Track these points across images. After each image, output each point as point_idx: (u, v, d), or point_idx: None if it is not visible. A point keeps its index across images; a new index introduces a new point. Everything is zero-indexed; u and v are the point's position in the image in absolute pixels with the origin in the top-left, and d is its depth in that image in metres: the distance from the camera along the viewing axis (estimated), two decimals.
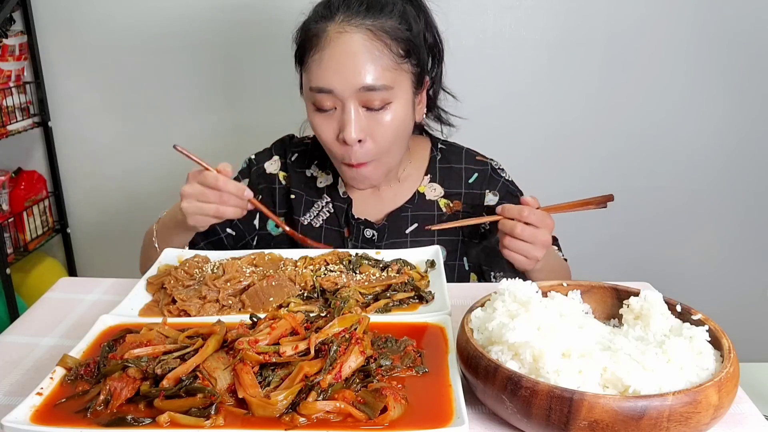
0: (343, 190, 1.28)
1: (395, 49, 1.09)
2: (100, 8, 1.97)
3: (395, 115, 1.11)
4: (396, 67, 1.09)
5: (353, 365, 0.71)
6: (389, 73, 1.08)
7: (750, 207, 2.12)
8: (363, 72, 1.06)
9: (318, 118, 1.13)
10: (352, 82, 1.06)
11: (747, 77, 1.99)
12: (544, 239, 1.08)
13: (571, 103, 2.01)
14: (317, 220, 1.28)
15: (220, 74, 2.02)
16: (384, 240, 1.25)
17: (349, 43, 1.07)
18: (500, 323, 0.73)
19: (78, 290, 1.05)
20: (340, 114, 1.10)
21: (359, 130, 1.08)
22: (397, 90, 1.10)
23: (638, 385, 0.64)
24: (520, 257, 1.08)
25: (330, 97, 1.09)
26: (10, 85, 1.95)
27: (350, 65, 1.06)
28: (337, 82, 1.07)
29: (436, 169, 1.29)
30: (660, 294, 0.80)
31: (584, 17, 1.93)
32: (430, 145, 1.32)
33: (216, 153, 2.10)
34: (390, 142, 1.13)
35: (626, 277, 1.06)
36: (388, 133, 1.11)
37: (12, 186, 2.05)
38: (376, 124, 1.10)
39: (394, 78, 1.09)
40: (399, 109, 1.11)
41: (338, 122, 1.10)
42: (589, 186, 2.09)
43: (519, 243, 1.07)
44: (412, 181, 1.28)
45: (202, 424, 0.64)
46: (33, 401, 0.69)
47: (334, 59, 1.07)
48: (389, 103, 1.09)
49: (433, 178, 1.28)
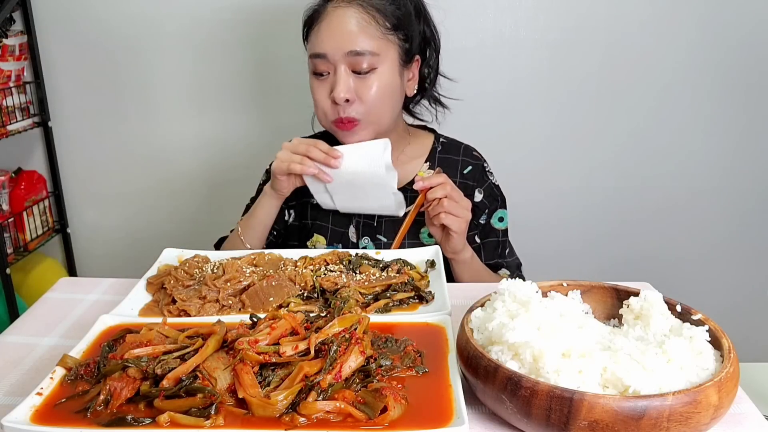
0: None
1: (382, 22, 1.23)
2: (101, 8, 1.97)
3: (381, 79, 1.23)
4: (382, 37, 1.23)
5: (353, 365, 0.71)
6: (375, 41, 1.22)
7: (750, 207, 2.12)
8: (351, 38, 1.21)
9: (315, 83, 1.27)
10: (342, 46, 1.21)
11: (747, 77, 1.99)
12: (466, 204, 1.19)
13: (570, 103, 2.01)
14: None
15: (220, 74, 2.02)
16: (384, 215, 1.32)
17: (342, 15, 1.22)
18: (500, 323, 0.73)
19: (78, 290, 1.05)
20: (332, 77, 1.24)
21: (347, 90, 1.22)
22: (383, 57, 1.23)
23: (638, 385, 0.64)
24: (454, 218, 1.16)
25: (324, 62, 1.23)
26: (10, 85, 1.95)
27: (341, 33, 1.21)
28: (329, 47, 1.22)
29: (436, 159, 1.38)
30: (660, 294, 0.80)
31: (584, 17, 1.93)
32: (433, 139, 1.42)
33: (216, 153, 2.11)
34: (375, 104, 1.24)
35: (626, 277, 1.06)
36: (374, 95, 1.23)
37: (12, 186, 2.05)
38: (363, 86, 1.23)
39: (380, 46, 1.23)
40: (384, 75, 1.24)
41: (330, 84, 1.24)
42: (589, 186, 2.10)
43: (452, 203, 1.16)
44: (413, 166, 1.37)
45: (202, 424, 0.64)
46: (33, 401, 0.69)
47: (329, 29, 1.23)
48: (375, 68, 1.23)
49: (432, 166, 1.36)
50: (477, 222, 1.36)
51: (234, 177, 2.11)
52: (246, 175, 2.08)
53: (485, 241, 1.36)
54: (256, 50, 1.98)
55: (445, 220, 1.15)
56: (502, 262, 1.36)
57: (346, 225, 1.34)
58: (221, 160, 2.11)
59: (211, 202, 2.16)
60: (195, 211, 2.16)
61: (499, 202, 1.38)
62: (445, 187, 1.16)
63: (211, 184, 2.13)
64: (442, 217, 1.15)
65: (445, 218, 1.15)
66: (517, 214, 1.41)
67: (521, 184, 1.36)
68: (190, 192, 2.14)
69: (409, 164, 1.37)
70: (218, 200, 2.15)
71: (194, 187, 2.13)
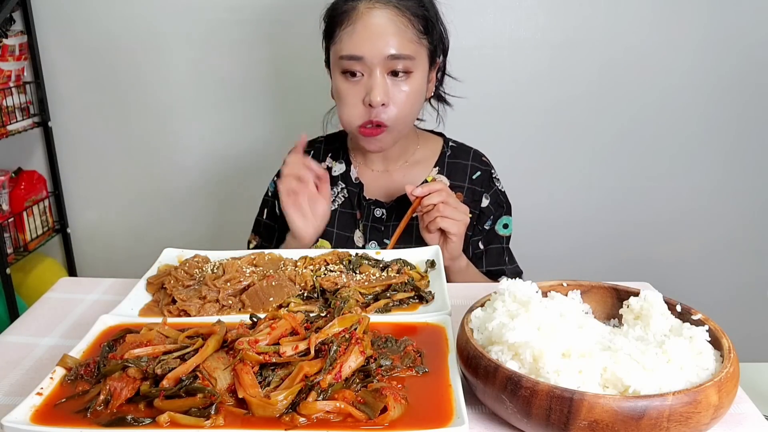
0: (355, 176, 1.38)
1: (416, 25, 1.21)
2: (101, 8, 1.97)
3: (414, 84, 1.22)
4: (417, 41, 1.21)
5: (353, 365, 0.71)
6: (412, 45, 1.20)
7: (750, 207, 2.12)
8: (391, 42, 1.18)
9: (345, 84, 1.23)
10: (382, 50, 1.18)
11: (747, 77, 1.99)
12: (464, 209, 1.19)
13: (571, 103, 2.01)
14: (333, 204, 1.35)
15: (220, 74, 2.02)
16: (392, 220, 1.33)
17: (379, 17, 1.19)
18: (500, 323, 0.73)
19: (78, 290, 1.05)
20: (367, 80, 1.21)
21: (384, 94, 1.19)
22: (417, 61, 1.22)
23: (638, 385, 0.64)
24: (453, 222, 1.15)
25: (360, 64, 1.20)
26: (10, 85, 1.95)
27: (380, 35, 1.18)
28: (367, 50, 1.18)
29: (445, 163, 1.38)
30: (660, 294, 0.80)
31: (584, 17, 1.93)
32: (443, 143, 1.42)
33: (217, 152, 2.11)
34: (405, 109, 1.23)
35: (626, 277, 1.06)
36: (408, 100, 1.22)
37: (12, 186, 2.05)
38: (398, 90, 1.21)
39: (416, 50, 1.21)
40: (418, 79, 1.23)
41: (365, 87, 1.21)
42: (589, 186, 2.10)
43: (449, 208, 1.15)
44: (421, 170, 1.37)
45: (202, 424, 0.64)
46: (33, 401, 0.69)
47: (366, 30, 1.19)
48: (410, 72, 1.21)
49: (441, 170, 1.37)
50: (482, 227, 1.35)
51: (234, 177, 2.11)
52: (246, 175, 2.08)
53: (489, 247, 1.36)
54: (256, 51, 1.98)
55: (442, 224, 1.15)
56: (504, 269, 1.36)
57: (352, 230, 1.34)
58: (221, 160, 2.11)
59: (211, 202, 2.16)
60: (195, 211, 2.16)
61: (504, 209, 1.38)
62: (441, 194, 1.16)
63: (211, 184, 2.13)
64: (439, 221, 1.15)
65: (441, 222, 1.15)
66: (516, 214, 1.41)
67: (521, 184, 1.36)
68: (190, 192, 2.14)
69: (418, 167, 1.37)
70: (218, 200, 2.15)
71: (194, 187, 2.13)
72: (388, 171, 1.37)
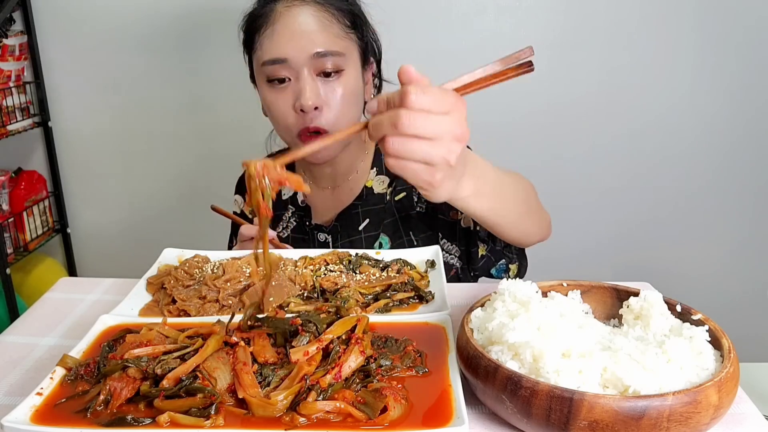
0: (301, 199, 1.30)
1: (342, 20, 1.13)
2: (100, 8, 1.97)
3: (348, 84, 1.13)
4: (345, 36, 1.13)
5: (353, 365, 0.71)
6: (339, 40, 1.11)
7: (750, 207, 2.12)
8: (315, 39, 1.09)
9: (272, 93, 1.13)
10: (306, 48, 1.08)
11: (747, 77, 1.99)
12: (454, 131, 0.68)
13: (571, 103, 2.01)
14: (285, 231, 1.31)
15: (220, 73, 2.02)
16: (339, 241, 1.25)
17: (300, 14, 1.10)
18: (500, 323, 0.73)
19: (78, 290, 1.05)
20: (295, 84, 1.11)
21: (316, 96, 1.09)
22: (348, 58, 1.12)
23: (638, 385, 0.64)
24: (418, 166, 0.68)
25: (285, 67, 1.10)
26: (10, 85, 1.95)
27: (302, 34, 1.08)
28: (291, 51, 1.09)
29: (381, 161, 1.26)
30: (660, 294, 0.80)
31: (584, 17, 1.93)
32: None
33: (217, 152, 2.11)
34: (343, 111, 1.13)
35: (626, 277, 1.06)
36: (344, 100, 1.12)
37: (12, 186, 2.05)
38: (331, 91, 1.11)
39: (344, 46, 1.12)
40: (351, 78, 1.13)
41: (293, 92, 1.11)
42: (589, 186, 2.10)
43: (411, 142, 0.66)
44: (359, 177, 1.27)
45: (202, 424, 0.64)
46: (33, 401, 0.69)
47: (287, 30, 1.09)
48: (342, 70, 1.11)
49: (380, 170, 1.27)
50: None
51: (234, 177, 2.10)
52: None
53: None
54: None
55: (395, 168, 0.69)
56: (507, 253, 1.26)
57: None
58: (221, 159, 2.11)
59: (211, 202, 2.15)
60: (195, 211, 2.16)
61: None
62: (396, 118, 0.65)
63: (211, 185, 2.13)
64: (391, 164, 0.69)
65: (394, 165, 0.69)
66: None
67: None
68: (191, 192, 2.14)
69: (365, 177, 1.26)
70: (218, 200, 2.15)
71: (194, 187, 2.14)
72: (338, 188, 1.27)
